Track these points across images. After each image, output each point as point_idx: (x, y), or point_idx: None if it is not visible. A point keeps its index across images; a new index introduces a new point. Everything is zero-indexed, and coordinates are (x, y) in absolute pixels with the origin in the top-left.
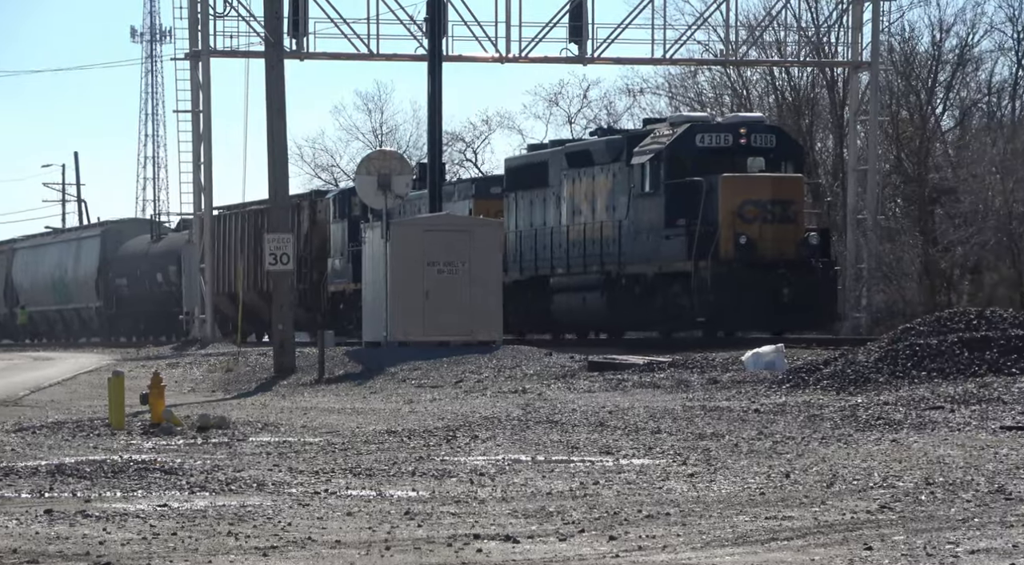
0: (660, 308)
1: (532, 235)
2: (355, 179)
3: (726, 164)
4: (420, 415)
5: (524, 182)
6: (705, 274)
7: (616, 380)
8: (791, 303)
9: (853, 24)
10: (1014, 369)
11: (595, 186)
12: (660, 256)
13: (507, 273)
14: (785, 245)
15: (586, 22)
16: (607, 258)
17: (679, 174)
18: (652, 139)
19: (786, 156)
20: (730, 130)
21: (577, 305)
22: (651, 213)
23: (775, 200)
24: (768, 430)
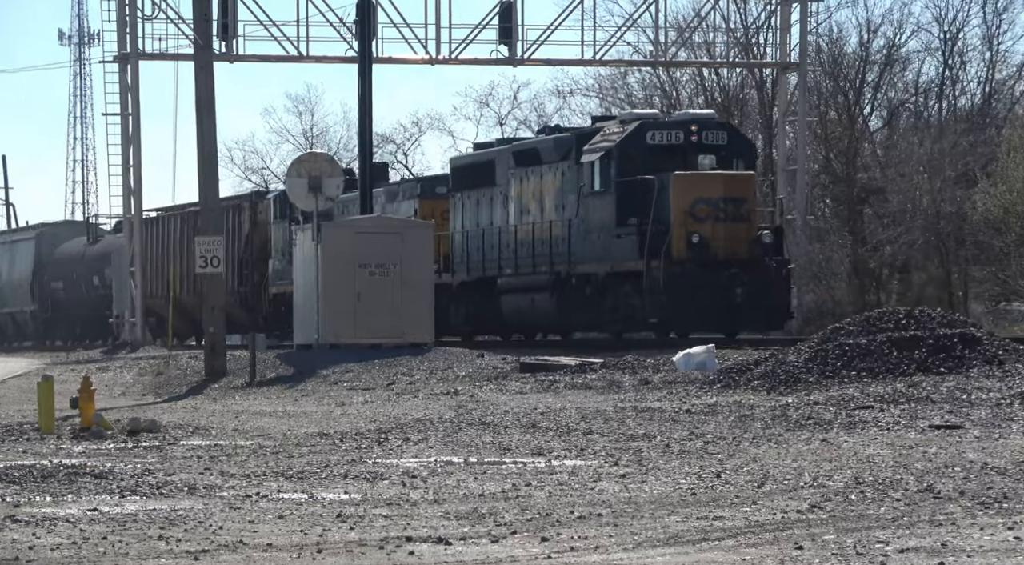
0: (611, 309)
1: (479, 235)
2: (286, 181)
3: (677, 162)
4: (352, 417)
5: (470, 181)
6: (657, 274)
7: (548, 381)
8: (744, 303)
9: (781, 25)
10: (942, 368)
11: (543, 185)
12: (611, 256)
13: (454, 274)
14: (738, 244)
15: (516, 24)
16: (556, 258)
17: (630, 172)
18: (602, 137)
19: (738, 153)
20: (681, 127)
21: (526, 306)
22: (601, 212)
23: (727, 198)
24: (699, 430)
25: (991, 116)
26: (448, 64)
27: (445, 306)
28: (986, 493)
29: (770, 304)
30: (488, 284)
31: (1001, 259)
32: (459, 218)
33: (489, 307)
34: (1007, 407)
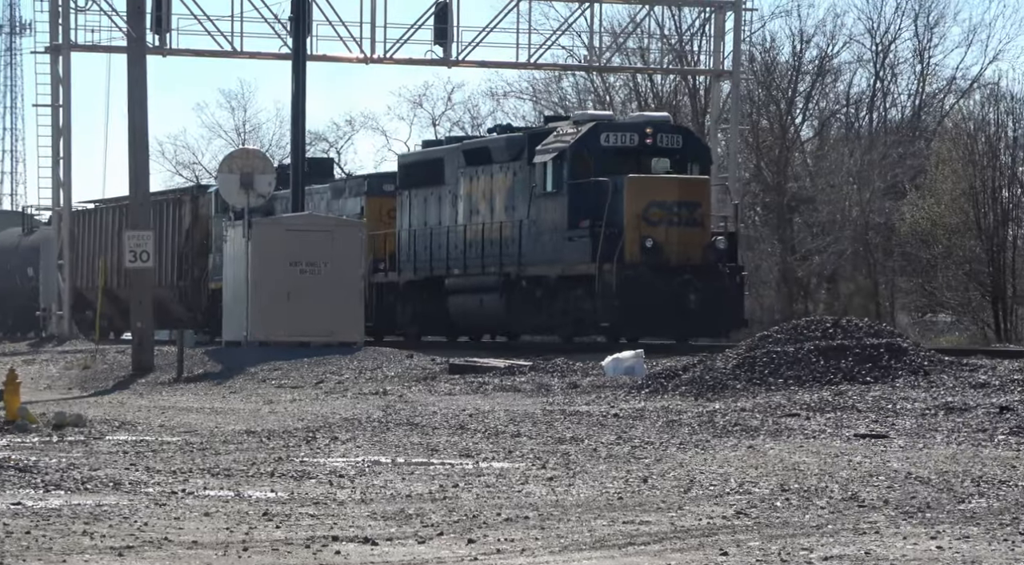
0: (562, 312)
1: (427, 234)
2: (217, 177)
3: (631, 164)
4: (280, 415)
5: (419, 179)
6: (610, 278)
7: (477, 383)
8: (697, 309)
9: (715, 33)
10: (868, 377)
11: (494, 185)
12: (562, 258)
13: (400, 273)
14: (692, 249)
15: (451, 25)
16: (506, 259)
17: (583, 174)
18: (555, 137)
19: (693, 157)
20: (636, 129)
21: (474, 307)
22: (554, 214)
23: (682, 202)
24: (627, 435)
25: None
26: (383, 63)
27: (391, 305)
28: (910, 502)
29: (723, 310)
30: (436, 284)
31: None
32: (406, 216)
33: (436, 307)
34: (932, 417)
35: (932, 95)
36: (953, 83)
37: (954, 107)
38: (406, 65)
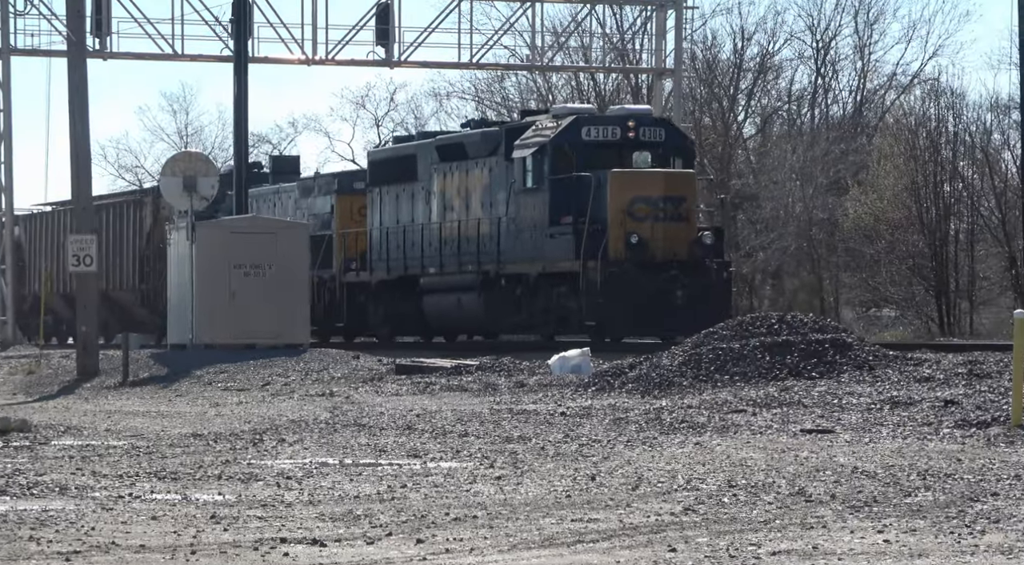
0: (543, 310)
1: (400, 232)
2: (160, 181)
3: (613, 159)
4: (226, 418)
5: (390, 176)
6: (594, 275)
7: (424, 383)
8: (684, 306)
9: (656, 31)
10: (814, 373)
11: (469, 181)
12: (544, 256)
13: (372, 272)
14: (677, 245)
15: (393, 25)
16: (484, 257)
17: (564, 169)
18: (534, 132)
19: (676, 151)
20: (618, 123)
21: (451, 306)
22: (534, 210)
23: (667, 197)
24: (574, 433)
25: (862, 124)
26: (325, 65)
27: (363, 305)
28: (856, 496)
29: (711, 307)
30: (409, 283)
31: (871, 266)
32: (377, 214)
33: (410, 307)
34: (877, 412)
35: (873, 91)
36: (893, 79)
37: (895, 103)
38: (348, 66)
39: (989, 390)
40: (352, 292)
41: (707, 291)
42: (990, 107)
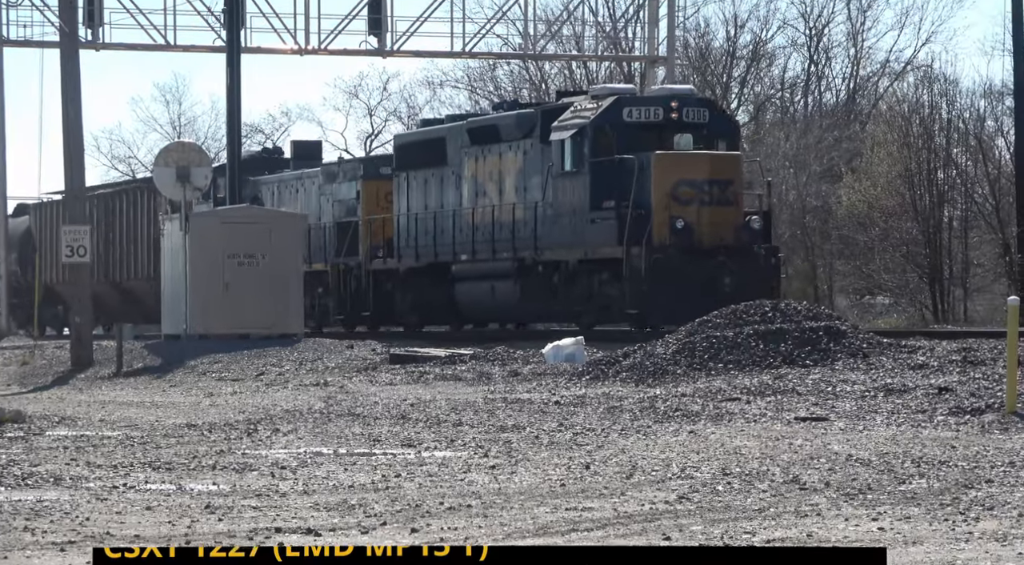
0: (583, 298)
1: (430, 219)
2: (153, 171)
3: (655, 141)
4: (221, 408)
5: (418, 161)
6: (638, 262)
7: (418, 373)
8: (732, 293)
9: (649, 19)
10: (808, 361)
11: (503, 165)
12: (584, 242)
13: (400, 259)
14: (724, 230)
15: (385, 15)
16: (520, 243)
17: (605, 151)
18: (573, 113)
19: (720, 132)
20: (660, 103)
21: (484, 295)
22: (574, 194)
23: (713, 180)
24: (568, 422)
25: (855, 112)
26: (317, 55)
27: (389, 294)
28: (851, 484)
29: (759, 294)
30: (440, 271)
31: (865, 253)
32: (404, 200)
33: (441, 295)
34: (871, 399)
35: (866, 78)
36: (887, 66)
37: (888, 90)
38: (341, 56)
39: (983, 377)
40: (379, 280)
41: (755, 278)
42: (983, 94)
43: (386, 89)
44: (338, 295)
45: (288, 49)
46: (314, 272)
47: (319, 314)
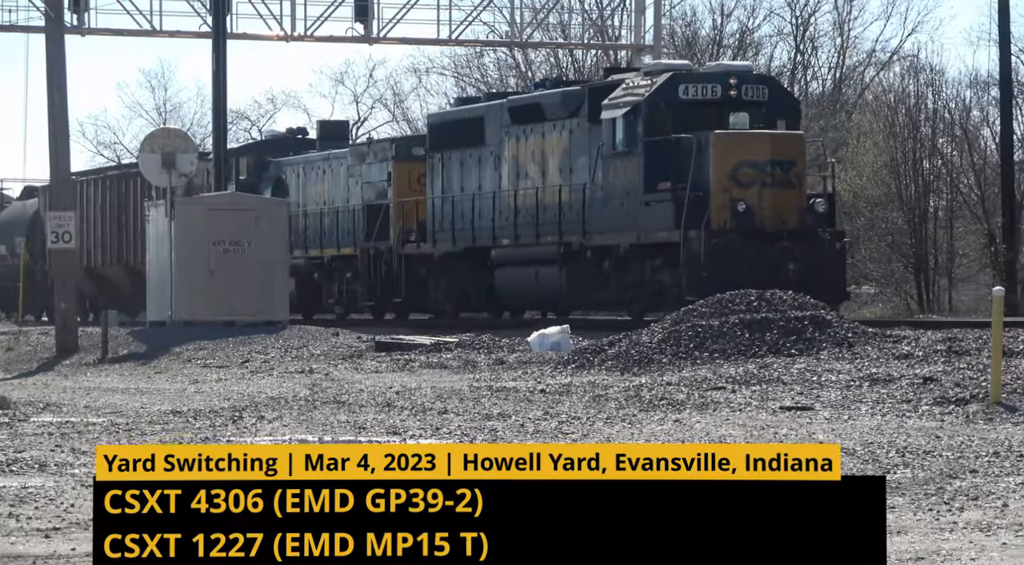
0: (635, 285)
1: (466, 201)
2: (139, 157)
3: (712, 119)
4: (206, 395)
5: (453, 141)
6: (696, 246)
7: (404, 360)
8: (796, 280)
9: (636, 8)
10: (793, 350)
11: (546, 145)
12: (638, 225)
13: (436, 244)
14: (787, 213)
15: (372, 2)
16: (567, 227)
17: (660, 130)
18: (625, 90)
19: (780, 111)
20: (718, 80)
21: (527, 281)
22: (626, 176)
23: (775, 161)
24: (554, 410)
25: (841, 101)
26: (303, 41)
27: (423, 280)
28: None
29: (825, 282)
30: (478, 255)
31: (851, 243)
32: (439, 181)
33: (479, 282)
34: (856, 389)
35: (852, 68)
36: (873, 55)
37: (874, 79)
38: (327, 43)
39: (968, 367)
40: (411, 265)
41: (821, 264)
42: (969, 84)
43: (372, 76)
44: (368, 280)
45: (274, 35)
46: (342, 256)
47: (347, 300)
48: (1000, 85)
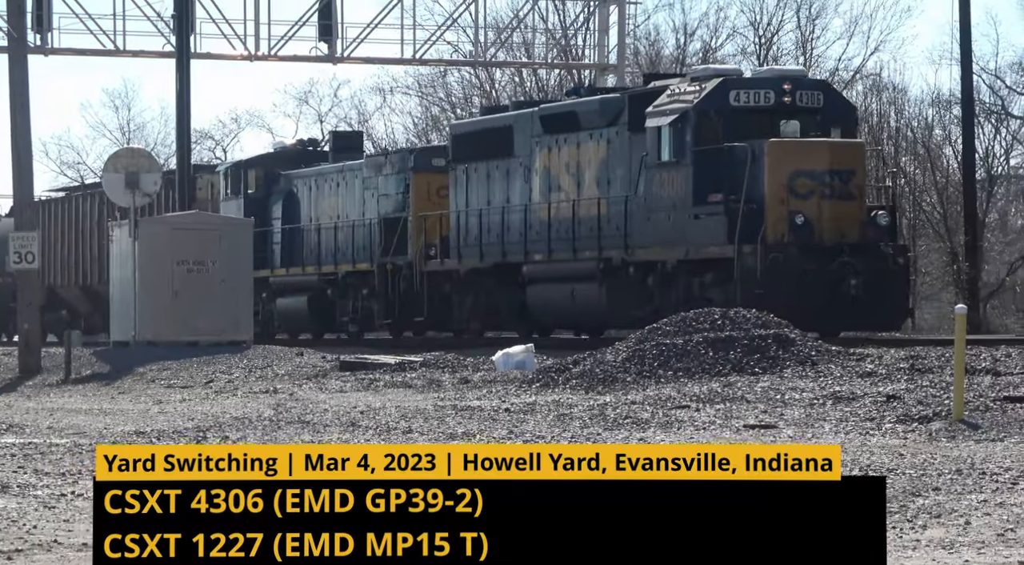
0: (682, 302)
1: (494, 214)
2: (103, 177)
3: (765, 127)
4: (170, 415)
5: (479, 151)
6: (752, 262)
7: (368, 380)
8: (858, 297)
9: (599, 27)
10: (756, 368)
11: (581, 155)
12: (687, 239)
13: (461, 259)
14: (847, 226)
15: (336, 21)
16: (607, 242)
17: (709, 139)
18: (671, 97)
19: (836, 118)
20: (771, 86)
21: (563, 298)
22: (673, 187)
23: (834, 171)
24: (518, 429)
25: None
26: (267, 60)
27: (446, 297)
28: None
29: (888, 299)
30: (508, 272)
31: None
32: (463, 194)
33: (509, 299)
34: (819, 407)
35: None
36: (836, 74)
37: None
38: (291, 62)
39: (931, 385)
40: (434, 282)
41: (884, 280)
42: (931, 102)
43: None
44: (385, 298)
45: (238, 55)
46: (357, 273)
47: (362, 318)
48: (962, 104)
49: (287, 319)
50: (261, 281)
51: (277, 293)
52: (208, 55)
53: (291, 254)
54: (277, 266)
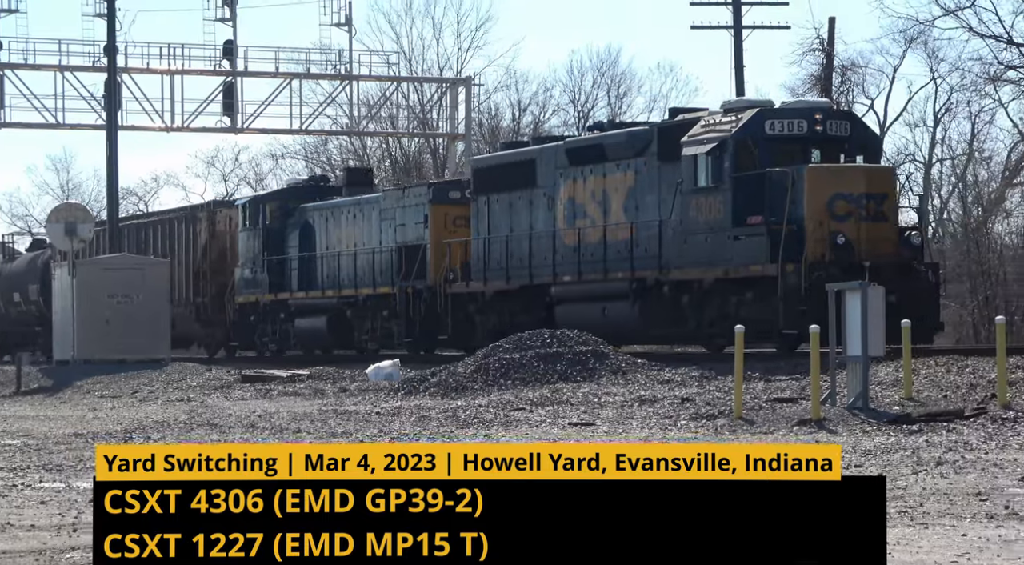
0: (718, 320)
1: (521, 239)
2: (46, 226)
3: (797, 154)
4: (102, 420)
5: (501, 184)
6: (795, 280)
7: (265, 390)
8: (894, 313)
9: (451, 104)
10: (578, 377)
11: (607, 184)
12: (726, 260)
13: (486, 282)
14: (881, 246)
15: (237, 99)
16: (640, 263)
17: (746, 166)
18: (706, 128)
19: (862, 146)
20: (803, 116)
21: (594, 316)
22: (710, 211)
23: (869, 195)
24: (387, 428)
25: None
26: (181, 132)
27: (469, 317)
28: None
29: (921, 314)
30: (535, 293)
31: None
32: (484, 222)
33: (535, 318)
34: (628, 407)
35: None
36: None
37: None
38: (200, 133)
39: (717, 389)
40: (457, 303)
41: (919, 296)
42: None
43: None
44: (406, 318)
45: (157, 127)
46: (377, 295)
47: (381, 337)
48: None
49: (305, 337)
50: (279, 303)
51: (296, 314)
52: (132, 127)
53: (308, 279)
54: (295, 290)
